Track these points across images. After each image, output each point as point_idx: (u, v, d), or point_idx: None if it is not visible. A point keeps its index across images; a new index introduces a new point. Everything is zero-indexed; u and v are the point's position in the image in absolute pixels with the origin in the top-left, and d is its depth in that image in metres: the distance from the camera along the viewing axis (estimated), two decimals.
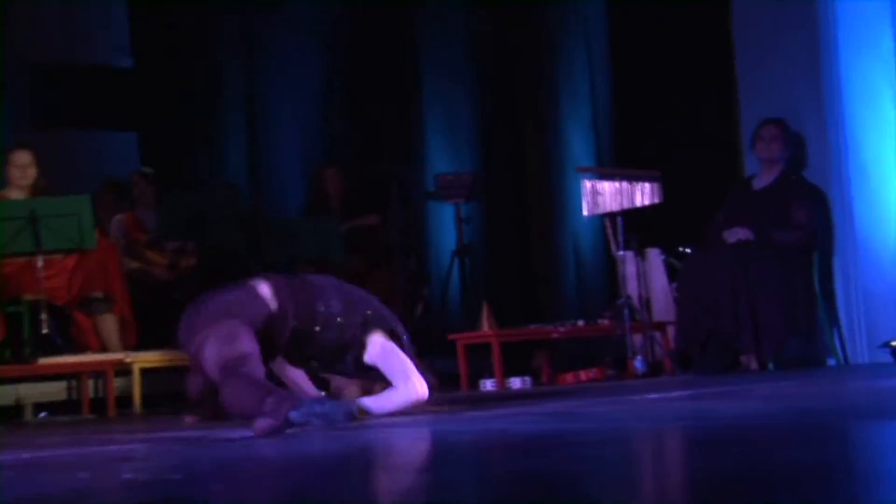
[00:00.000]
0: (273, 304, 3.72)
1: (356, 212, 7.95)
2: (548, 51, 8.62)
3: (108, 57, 10.18)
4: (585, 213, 6.58)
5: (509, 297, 8.08)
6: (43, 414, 6.44)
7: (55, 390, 6.59)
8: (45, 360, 6.11)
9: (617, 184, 6.46)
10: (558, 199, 8.38)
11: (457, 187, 7.56)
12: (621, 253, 6.79)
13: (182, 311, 3.94)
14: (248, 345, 3.48)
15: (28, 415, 6.29)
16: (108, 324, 6.64)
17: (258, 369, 3.47)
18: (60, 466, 2.77)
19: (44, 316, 6.49)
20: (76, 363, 6.13)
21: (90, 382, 6.33)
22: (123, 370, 6.17)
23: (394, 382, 3.76)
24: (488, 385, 6.31)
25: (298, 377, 4.08)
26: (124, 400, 6.22)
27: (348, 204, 8.01)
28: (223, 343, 3.46)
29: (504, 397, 5.19)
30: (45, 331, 6.46)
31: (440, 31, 8.92)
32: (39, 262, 6.38)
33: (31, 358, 6.06)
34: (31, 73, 9.56)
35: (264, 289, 3.77)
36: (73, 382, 6.57)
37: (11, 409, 6.35)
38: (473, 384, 6.45)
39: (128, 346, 6.71)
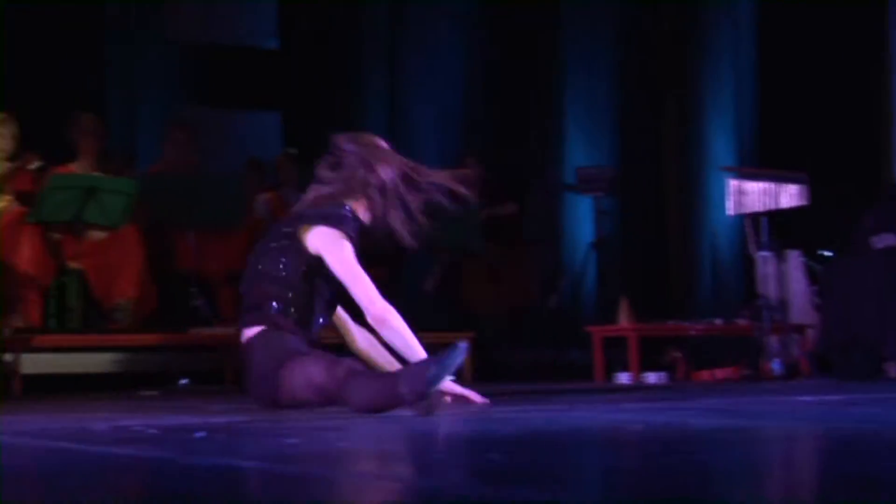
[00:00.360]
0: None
1: (494, 200, 8.03)
2: (693, 47, 8.61)
3: (255, 38, 10.44)
4: (730, 212, 6.58)
5: (644, 292, 8.10)
6: (184, 381, 6.67)
7: (199, 360, 6.83)
8: (195, 331, 6.33)
9: (763, 184, 6.44)
10: (697, 196, 8.37)
11: (598, 181, 7.60)
12: (761, 253, 6.77)
13: None
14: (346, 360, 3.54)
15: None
16: None
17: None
18: (262, 433, 2.90)
19: (194, 289, 6.75)
20: (224, 335, 6.33)
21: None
22: None
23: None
24: (624, 378, 6.35)
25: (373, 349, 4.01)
26: None
27: (486, 192, 8.09)
28: (326, 364, 3.50)
29: (649, 390, 5.22)
30: (195, 303, 6.73)
31: (585, 23, 8.96)
32: (191, 238, 6.64)
33: (184, 328, 6.28)
34: (181, 52, 9.86)
35: None
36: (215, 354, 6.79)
37: (158, 376, 6.59)
38: (607, 376, 6.50)
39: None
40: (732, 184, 6.52)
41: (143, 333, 6.30)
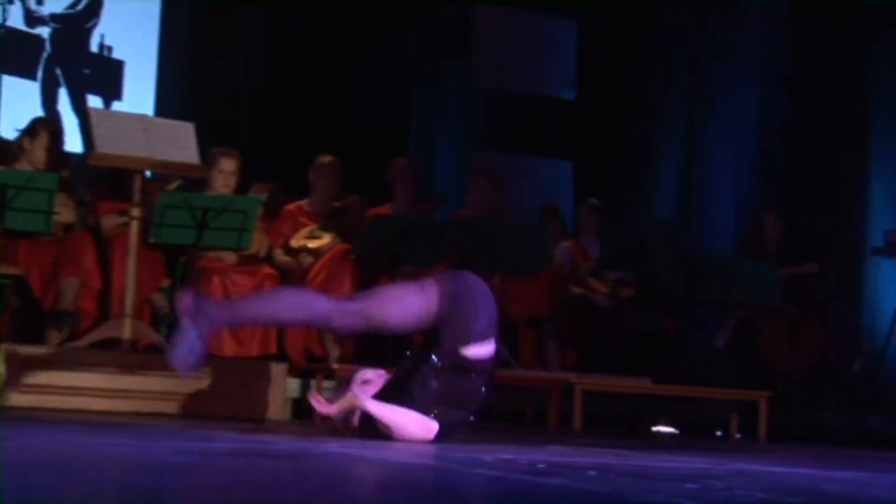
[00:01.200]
0: None
1: (794, 258, 7.91)
2: None
3: (554, 87, 10.70)
4: None
5: None
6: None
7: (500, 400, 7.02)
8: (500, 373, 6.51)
9: None
10: None
11: None
12: None
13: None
14: None
15: None
16: (553, 345, 7.01)
17: None
18: (653, 474, 3.00)
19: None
20: (526, 377, 6.50)
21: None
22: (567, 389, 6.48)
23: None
24: None
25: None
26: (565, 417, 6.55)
27: (786, 249, 7.99)
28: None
29: None
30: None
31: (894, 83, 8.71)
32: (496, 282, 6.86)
33: None
34: (485, 98, 10.22)
35: None
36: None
37: None
38: None
39: (567, 367, 7.08)
40: None
41: None
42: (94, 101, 10.07)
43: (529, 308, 7.02)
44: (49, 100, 9.90)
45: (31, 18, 9.71)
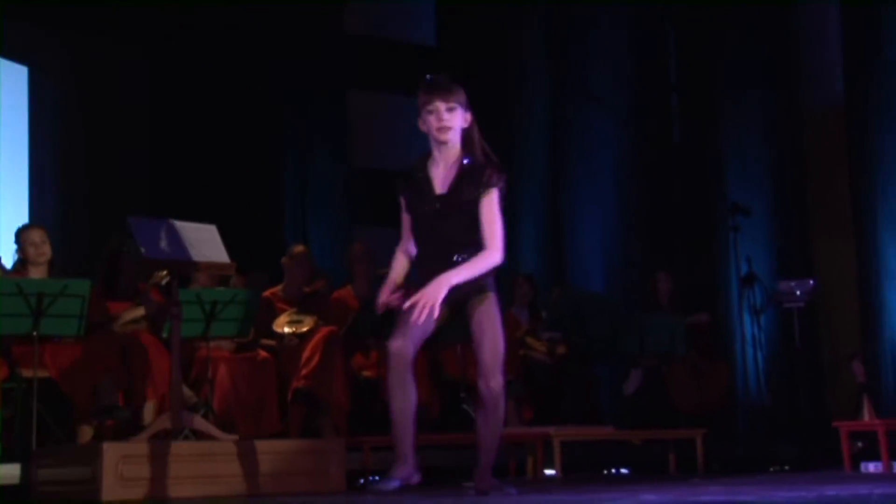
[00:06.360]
0: None
1: (687, 310, 9.01)
2: None
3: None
4: None
5: None
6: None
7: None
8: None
9: None
10: None
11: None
12: None
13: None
14: None
15: None
16: (512, 403, 7.78)
17: None
18: None
19: (463, 394, 7.68)
20: (512, 434, 7.19)
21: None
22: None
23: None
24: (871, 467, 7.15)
25: None
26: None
27: (677, 302, 9.09)
28: None
29: None
30: (465, 406, 7.65)
31: None
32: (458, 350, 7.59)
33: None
34: (359, 176, 10.82)
35: None
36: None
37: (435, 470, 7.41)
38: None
39: (523, 421, 7.87)
40: None
41: (441, 433, 7.20)
42: None
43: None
44: None
45: None
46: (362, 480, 6.15)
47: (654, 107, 10.60)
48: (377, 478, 5.24)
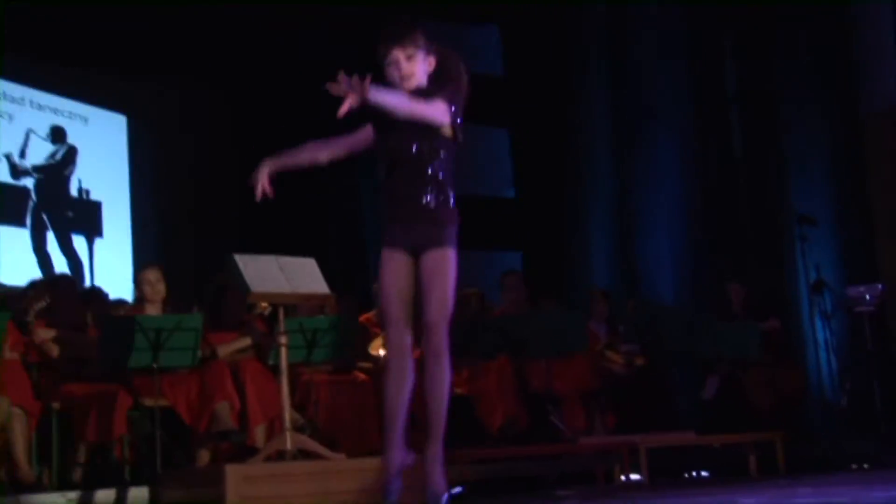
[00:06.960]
0: None
1: (759, 318, 9.33)
2: None
3: (495, 188, 11.99)
4: None
5: None
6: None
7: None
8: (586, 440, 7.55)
9: None
10: None
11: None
12: None
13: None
14: None
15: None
16: (600, 413, 8.18)
17: None
18: None
19: (549, 406, 8.08)
20: (599, 443, 7.60)
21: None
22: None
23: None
24: None
25: None
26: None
27: (749, 311, 9.41)
28: None
29: None
30: (552, 418, 8.05)
31: None
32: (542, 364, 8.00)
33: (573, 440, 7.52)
34: None
35: None
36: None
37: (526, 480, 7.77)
38: None
39: (608, 429, 8.26)
40: None
41: (530, 445, 7.60)
42: (78, 241, 10.73)
43: (572, 384, 8.13)
44: (39, 243, 10.51)
45: (16, 171, 10.34)
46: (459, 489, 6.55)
47: (713, 120, 10.94)
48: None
